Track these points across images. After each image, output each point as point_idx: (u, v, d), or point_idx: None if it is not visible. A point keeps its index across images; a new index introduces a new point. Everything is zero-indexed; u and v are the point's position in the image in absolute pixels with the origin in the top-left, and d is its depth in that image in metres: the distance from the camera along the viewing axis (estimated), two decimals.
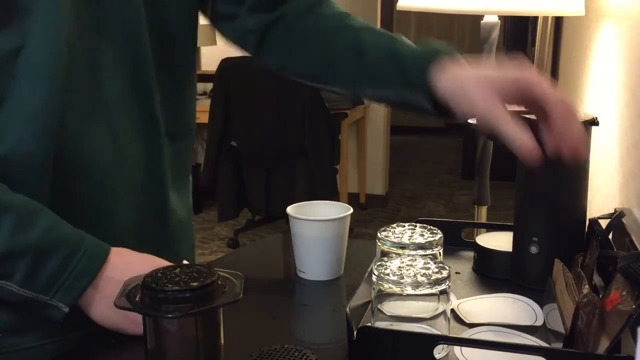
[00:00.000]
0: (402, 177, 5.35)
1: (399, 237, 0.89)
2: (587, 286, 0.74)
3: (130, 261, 0.79)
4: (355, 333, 0.74)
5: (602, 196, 1.35)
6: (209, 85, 3.51)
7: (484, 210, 1.99)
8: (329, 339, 0.85)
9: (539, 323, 0.84)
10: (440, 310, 0.76)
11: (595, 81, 1.66)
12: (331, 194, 3.40)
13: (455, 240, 1.09)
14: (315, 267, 1.00)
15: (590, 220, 0.95)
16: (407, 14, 6.91)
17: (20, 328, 0.80)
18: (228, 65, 3.25)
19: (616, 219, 0.93)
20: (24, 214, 0.73)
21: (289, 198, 3.33)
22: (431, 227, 0.92)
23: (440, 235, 0.90)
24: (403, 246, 0.87)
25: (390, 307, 0.77)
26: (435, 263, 0.78)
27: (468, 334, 0.82)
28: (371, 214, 4.41)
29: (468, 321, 0.85)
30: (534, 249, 0.94)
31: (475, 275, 1.01)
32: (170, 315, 0.64)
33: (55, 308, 0.75)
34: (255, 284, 0.97)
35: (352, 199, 4.26)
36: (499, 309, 0.89)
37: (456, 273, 1.01)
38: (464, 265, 1.04)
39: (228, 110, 3.30)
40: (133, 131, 0.85)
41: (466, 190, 4.90)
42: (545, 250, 0.94)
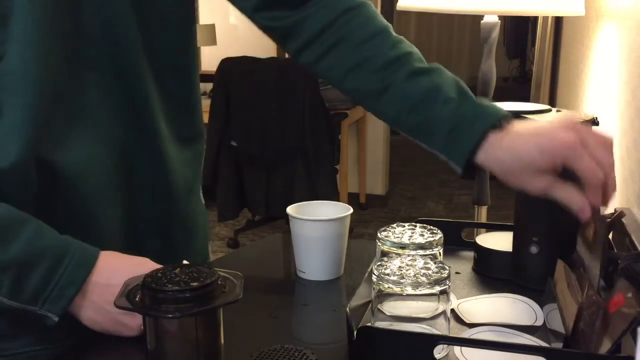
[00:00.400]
0: (402, 177, 5.35)
1: (399, 237, 0.89)
2: (591, 286, 0.74)
3: (117, 265, 0.77)
4: (355, 333, 0.74)
5: None
6: (209, 85, 3.51)
7: (484, 210, 1.99)
8: (329, 339, 0.85)
9: (539, 323, 0.84)
10: (440, 310, 0.76)
11: (595, 81, 1.66)
12: (331, 194, 3.39)
13: (455, 240, 1.09)
14: (315, 267, 1.00)
15: None
16: (407, 14, 6.91)
17: (12, 334, 0.80)
18: (228, 65, 3.25)
19: (616, 219, 0.93)
20: (5, 227, 0.72)
21: (289, 198, 3.33)
22: (431, 227, 0.92)
23: (440, 235, 0.90)
24: (403, 246, 0.87)
25: (390, 307, 0.77)
26: (435, 263, 0.78)
27: (468, 334, 0.82)
28: (371, 214, 4.41)
29: (468, 321, 0.85)
30: (534, 249, 0.94)
31: (475, 275, 1.01)
32: (170, 315, 0.64)
33: (45, 317, 0.75)
34: (255, 284, 0.97)
35: (352, 199, 4.26)
36: (499, 309, 0.89)
37: (456, 273, 1.01)
38: (464, 265, 1.04)
39: (228, 110, 3.30)
40: (127, 139, 0.83)
41: (466, 190, 4.90)
42: (545, 250, 0.94)
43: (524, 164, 0.75)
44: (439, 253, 0.89)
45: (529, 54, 4.86)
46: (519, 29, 4.83)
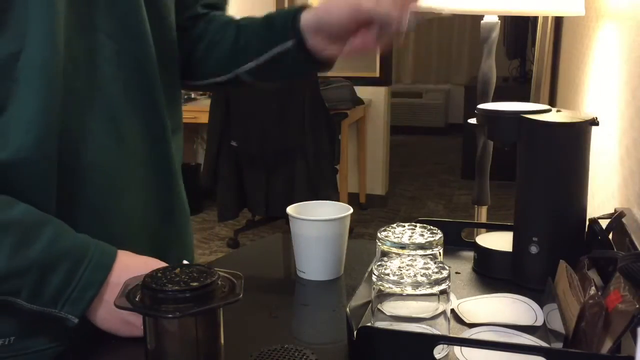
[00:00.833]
0: (402, 177, 5.35)
1: (399, 237, 0.89)
2: (594, 288, 0.74)
3: (130, 265, 0.78)
4: (355, 333, 0.74)
5: (602, 196, 1.35)
6: None
7: (484, 210, 1.99)
8: (329, 339, 0.85)
9: (539, 323, 0.84)
10: (440, 310, 0.76)
11: (595, 81, 1.66)
12: (331, 194, 3.39)
13: (455, 240, 1.09)
14: (315, 267, 1.00)
15: (590, 220, 0.95)
16: None
17: (33, 331, 0.80)
18: None
19: (616, 219, 0.93)
20: (25, 230, 0.73)
21: (289, 198, 3.33)
22: (431, 227, 0.92)
23: (440, 235, 0.90)
24: (403, 246, 0.87)
25: (390, 307, 0.77)
26: (435, 263, 0.78)
27: (468, 334, 0.82)
28: (371, 214, 4.41)
29: (468, 321, 0.85)
30: (534, 249, 0.94)
31: (475, 275, 1.01)
32: (170, 315, 0.64)
33: (65, 319, 0.75)
34: (255, 284, 0.97)
35: (352, 199, 4.26)
36: (499, 309, 0.89)
37: (456, 273, 1.01)
38: (464, 265, 1.04)
39: (228, 110, 3.30)
40: (139, 130, 0.86)
41: (466, 190, 4.90)
42: (545, 250, 0.94)
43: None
44: (439, 253, 0.89)
45: (529, 54, 4.85)
46: (519, 29, 4.82)
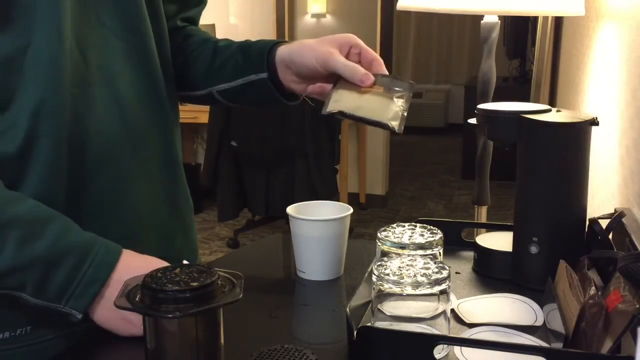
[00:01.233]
0: (402, 177, 5.35)
1: (399, 237, 0.89)
2: (594, 288, 0.74)
3: (134, 264, 0.79)
4: (355, 333, 0.74)
5: (602, 196, 1.35)
6: None
7: (484, 210, 1.99)
8: (329, 339, 0.85)
9: (539, 323, 0.84)
10: (440, 310, 0.76)
11: (595, 81, 1.66)
12: (331, 194, 3.39)
13: (455, 240, 1.09)
14: (315, 267, 1.00)
15: (590, 220, 0.95)
16: (407, 14, 6.91)
17: (49, 320, 0.82)
18: None
19: (616, 219, 0.93)
20: (31, 226, 0.74)
21: (289, 198, 3.33)
22: (431, 227, 0.92)
23: (440, 235, 0.90)
24: (403, 246, 0.87)
25: (390, 307, 0.77)
26: (435, 263, 0.78)
27: (468, 334, 0.82)
28: (371, 214, 4.41)
29: (468, 321, 0.85)
30: (534, 249, 0.94)
31: (475, 275, 1.01)
32: (170, 315, 0.64)
33: (69, 314, 0.76)
34: (255, 284, 0.97)
35: (352, 199, 4.26)
36: (499, 309, 0.89)
37: (456, 273, 1.01)
38: (464, 265, 1.04)
39: (228, 110, 3.30)
40: (148, 122, 0.88)
41: (466, 190, 4.90)
42: (545, 250, 0.94)
43: (313, 40, 0.91)
44: (439, 253, 0.89)
45: (529, 54, 4.85)
46: (519, 29, 4.82)
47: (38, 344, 0.81)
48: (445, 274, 0.75)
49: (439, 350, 0.74)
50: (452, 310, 0.86)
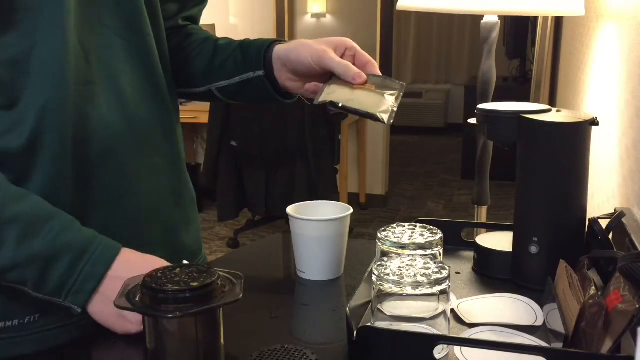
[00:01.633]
0: (402, 177, 5.35)
1: (399, 237, 0.89)
2: (594, 287, 0.74)
3: (133, 261, 0.80)
4: (355, 333, 0.74)
5: (602, 196, 1.35)
6: None
7: (484, 210, 1.99)
8: (329, 339, 0.85)
9: (539, 323, 0.84)
10: (440, 310, 0.76)
11: (595, 81, 1.66)
12: (331, 194, 3.39)
13: (455, 240, 1.09)
14: (315, 267, 1.00)
15: (590, 220, 0.95)
16: (407, 14, 6.91)
17: (56, 308, 0.82)
18: None
19: (616, 219, 0.93)
20: (31, 223, 0.75)
21: (289, 198, 3.33)
22: (431, 227, 0.92)
23: (440, 235, 0.90)
24: (403, 246, 0.87)
25: (390, 307, 0.77)
26: (435, 263, 0.78)
27: (468, 334, 0.82)
28: (371, 214, 4.41)
29: (468, 321, 0.85)
30: (534, 249, 0.94)
31: (475, 275, 1.01)
32: (170, 315, 0.64)
33: (70, 308, 0.78)
34: (255, 284, 0.97)
35: (352, 199, 4.26)
36: (499, 309, 0.89)
37: (456, 273, 1.01)
38: (464, 265, 1.04)
39: (228, 110, 3.30)
40: (150, 118, 0.90)
41: (466, 190, 4.90)
42: (545, 250, 0.94)
43: (307, 40, 0.94)
44: (439, 253, 0.89)
45: (529, 54, 4.85)
46: (519, 29, 4.82)
47: (46, 332, 0.82)
48: (445, 274, 0.75)
49: (439, 350, 0.74)
50: (452, 310, 0.86)
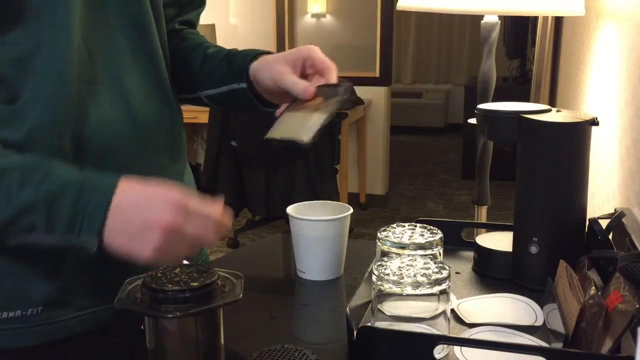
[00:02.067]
0: (402, 177, 5.35)
1: (399, 237, 0.89)
2: (594, 287, 0.74)
3: (134, 187, 0.78)
4: (355, 333, 0.74)
5: (602, 196, 1.35)
6: None
7: (484, 210, 1.99)
8: (329, 339, 0.85)
9: (539, 323, 0.84)
10: (440, 310, 0.76)
11: (595, 81, 1.66)
12: (331, 194, 3.39)
13: (455, 240, 1.09)
14: (315, 267, 1.00)
15: (590, 220, 0.95)
16: (407, 14, 6.91)
17: (59, 301, 0.83)
18: None
19: (616, 219, 0.93)
20: (24, 171, 0.74)
21: (289, 198, 3.33)
22: (431, 227, 0.92)
23: (440, 235, 0.90)
24: (403, 246, 0.87)
25: (390, 307, 0.77)
26: (435, 263, 0.78)
27: (468, 334, 0.82)
28: (371, 214, 4.41)
29: (468, 321, 0.85)
30: (534, 249, 0.94)
31: (475, 275, 1.01)
32: (170, 315, 0.64)
33: (85, 247, 0.75)
34: (255, 284, 0.97)
35: (352, 199, 4.26)
36: (499, 309, 0.89)
37: (456, 273, 1.01)
38: (464, 265, 1.04)
39: (228, 110, 3.30)
40: (154, 118, 0.90)
41: (466, 190, 4.90)
42: (545, 250, 0.94)
43: (277, 57, 0.96)
44: (439, 253, 0.89)
45: (529, 54, 4.85)
46: (519, 29, 4.82)
47: (49, 325, 0.82)
48: (445, 274, 0.76)
49: (439, 350, 0.74)
50: (452, 310, 0.86)
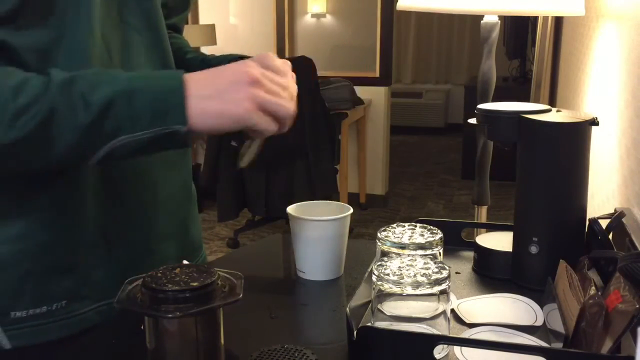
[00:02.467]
0: (402, 177, 5.35)
1: (399, 237, 0.89)
2: (594, 287, 0.74)
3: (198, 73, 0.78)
4: (355, 333, 0.74)
5: (602, 196, 1.35)
6: None
7: (484, 210, 1.99)
8: (329, 339, 0.85)
9: (539, 323, 0.84)
10: (440, 310, 0.76)
11: (595, 81, 1.66)
12: (331, 194, 3.39)
13: (455, 240, 1.09)
14: (315, 267, 1.00)
15: (590, 220, 0.95)
16: (407, 14, 6.91)
17: (80, 295, 0.84)
18: None
19: (616, 219, 0.93)
20: (89, 78, 0.72)
21: (289, 198, 3.33)
22: (431, 227, 0.92)
23: (440, 235, 0.90)
24: (403, 246, 0.87)
25: (390, 307, 0.77)
26: (435, 263, 0.78)
27: (468, 334, 0.82)
28: (371, 214, 4.41)
29: (468, 321, 0.85)
30: (534, 249, 0.94)
31: (475, 275, 1.01)
32: (170, 315, 0.64)
33: (176, 133, 0.74)
34: (255, 284, 0.97)
35: (352, 199, 4.26)
36: (499, 309, 0.89)
37: (456, 273, 1.01)
38: (464, 265, 1.04)
39: None
40: None
41: (466, 190, 4.90)
42: (545, 250, 0.94)
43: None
44: (439, 253, 0.89)
45: (529, 54, 4.85)
46: (519, 29, 4.82)
47: (71, 318, 0.83)
48: (445, 274, 0.76)
49: (439, 350, 0.74)
50: (452, 310, 0.86)
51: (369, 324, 0.79)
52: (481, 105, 1.02)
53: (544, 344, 0.79)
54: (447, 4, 1.61)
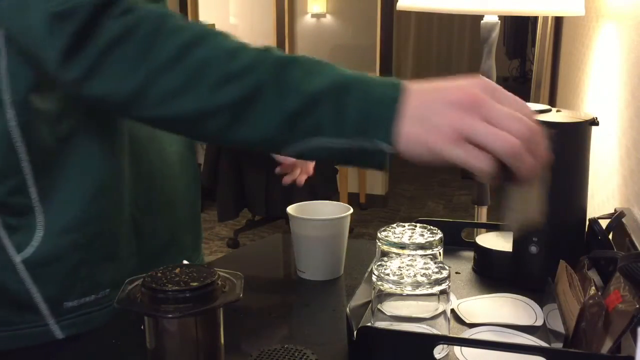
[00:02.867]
0: (402, 177, 5.35)
1: (399, 237, 0.89)
2: (594, 288, 0.74)
3: (419, 85, 0.69)
4: (355, 333, 0.74)
5: (602, 196, 1.35)
6: None
7: (484, 210, 1.99)
8: (329, 339, 0.85)
9: (539, 323, 0.84)
10: (440, 310, 0.76)
11: (595, 81, 1.66)
12: (331, 194, 3.39)
13: (455, 240, 1.09)
14: (315, 267, 1.00)
15: (590, 220, 0.95)
16: (407, 14, 6.91)
17: (119, 282, 0.82)
18: None
19: (616, 219, 0.93)
20: (304, 61, 0.67)
21: (289, 198, 3.33)
22: (431, 227, 0.92)
23: (440, 235, 0.90)
24: (403, 246, 0.87)
25: (390, 307, 0.77)
26: (435, 263, 0.78)
27: (468, 334, 0.82)
28: (371, 214, 4.41)
29: (468, 321, 0.85)
30: (534, 249, 0.94)
31: (475, 275, 1.01)
32: (170, 315, 0.64)
33: (378, 152, 0.66)
34: (255, 284, 0.97)
35: (352, 199, 4.26)
36: (499, 309, 0.89)
37: (456, 273, 1.01)
38: (464, 265, 1.04)
39: None
40: None
41: (466, 190, 4.90)
42: (545, 250, 0.94)
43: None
44: (439, 253, 0.89)
45: (529, 54, 4.85)
46: (519, 29, 4.83)
47: (111, 306, 0.85)
48: (445, 274, 0.75)
49: (439, 350, 0.74)
50: (452, 310, 0.86)
51: (369, 324, 0.79)
52: None
53: (544, 344, 0.79)
54: (447, 4, 1.61)
